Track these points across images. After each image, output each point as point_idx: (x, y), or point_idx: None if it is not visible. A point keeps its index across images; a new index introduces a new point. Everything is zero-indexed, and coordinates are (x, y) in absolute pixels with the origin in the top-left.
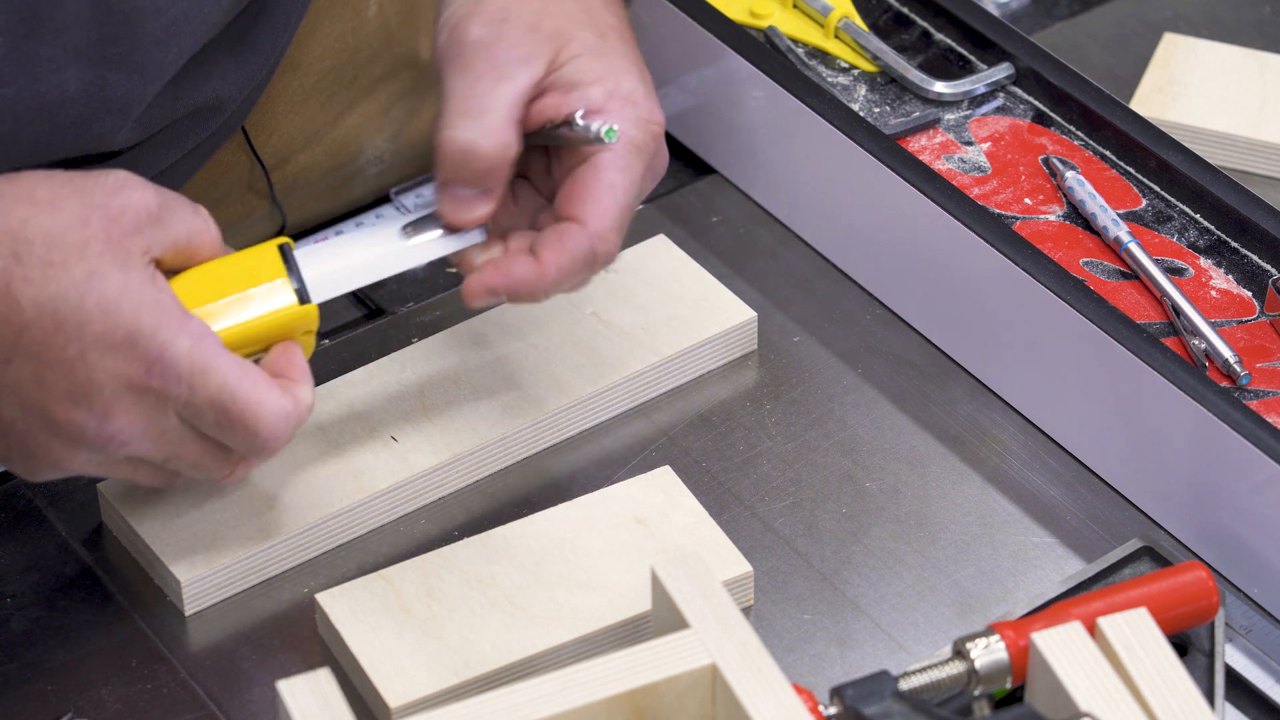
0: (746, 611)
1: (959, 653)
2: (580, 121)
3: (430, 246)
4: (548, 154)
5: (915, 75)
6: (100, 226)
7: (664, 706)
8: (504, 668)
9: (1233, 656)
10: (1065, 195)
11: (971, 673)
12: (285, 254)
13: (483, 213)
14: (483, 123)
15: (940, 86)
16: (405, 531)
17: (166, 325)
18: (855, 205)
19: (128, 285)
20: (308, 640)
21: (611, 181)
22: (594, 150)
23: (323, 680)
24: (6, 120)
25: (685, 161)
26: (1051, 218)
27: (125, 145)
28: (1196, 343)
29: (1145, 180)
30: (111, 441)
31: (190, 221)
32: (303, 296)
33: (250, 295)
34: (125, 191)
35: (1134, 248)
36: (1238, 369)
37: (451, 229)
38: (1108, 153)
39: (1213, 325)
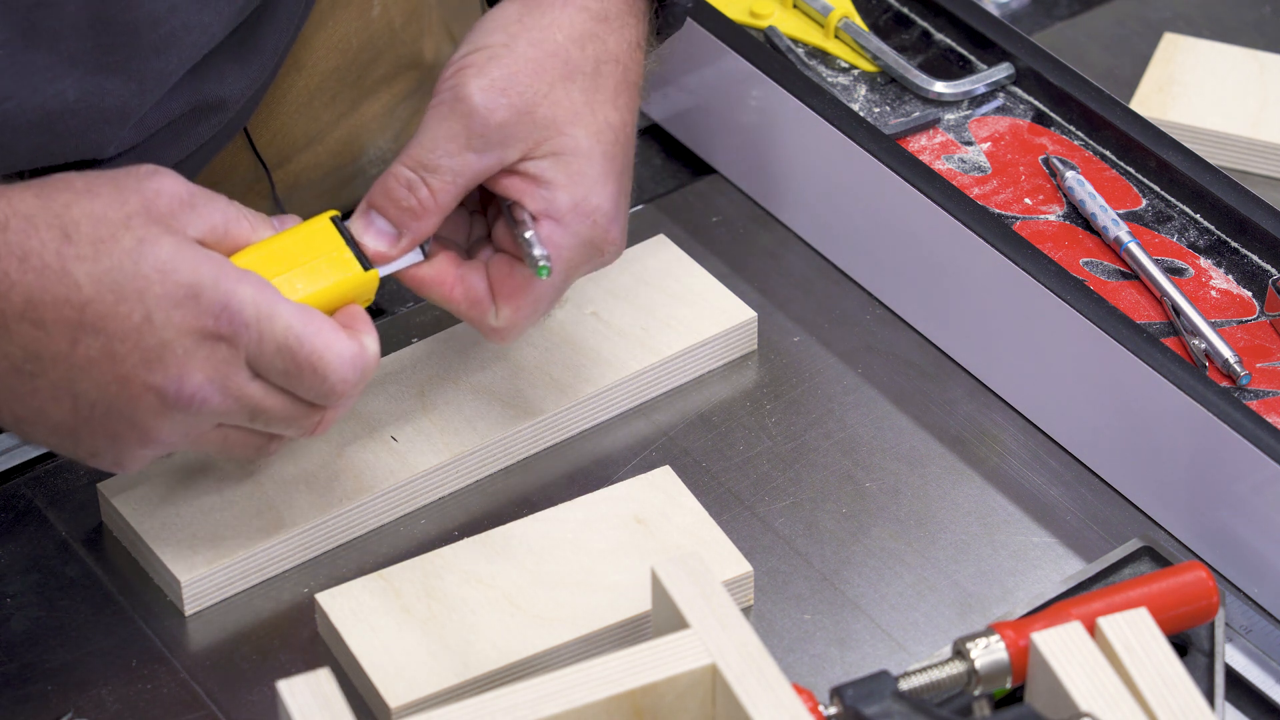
0: (746, 611)
1: (959, 653)
2: (526, 236)
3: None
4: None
5: (915, 75)
6: (139, 205)
7: (664, 706)
8: (504, 668)
9: (1233, 656)
10: (1065, 195)
11: (971, 673)
12: (338, 225)
13: (388, 250)
14: (432, 178)
15: (940, 86)
16: (405, 531)
17: (226, 275)
18: (855, 205)
19: (179, 246)
20: (308, 640)
21: (540, 295)
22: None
23: (323, 680)
24: (6, 130)
25: (685, 161)
26: (1051, 218)
27: (122, 149)
28: (1196, 343)
29: (1145, 180)
30: (192, 401)
31: (225, 210)
32: (365, 263)
33: (313, 266)
34: (157, 178)
35: (1134, 248)
36: (1238, 369)
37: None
38: (1108, 153)
39: (1213, 325)
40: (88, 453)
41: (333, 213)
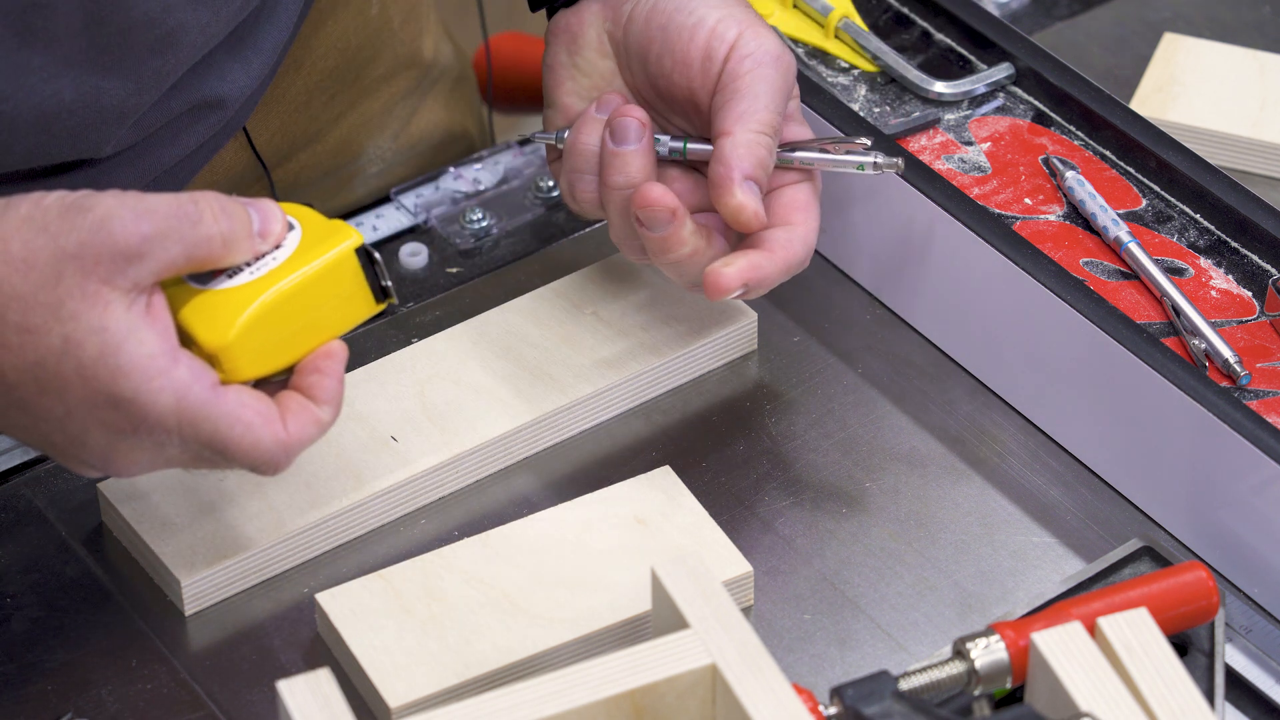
0: (746, 611)
1: (959, 653)
2: (859, 142)
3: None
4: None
5: (915, 75)
6: (75, 282)
7: (664, 706)
8: (504, 668)
9: (1233, 656)
10: (1065, 195)
11: (971, 673)
12: (360, 257)
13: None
14: (774, 142)
15: (940, 86)
16: (405, 531)
17: (147, 385)
18: (855, 205)
19: (104, 348)
20: (308, 640)
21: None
22: (806, 177)
23: (323, 680)
24: (2, 131)
25: None
26: (1051, 218)
27: (120, 148)
28: (1196, 343)
29: (1145, 180)
30: (124, 472)
31: (188, 238)
32: (379, 295)
33: (328, 313)
34: (103, 232)
35: (1134, 248)
36: (1238, 369)
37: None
38: (1108, 153)
39: (1213, 325)
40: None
41: (356, 240)
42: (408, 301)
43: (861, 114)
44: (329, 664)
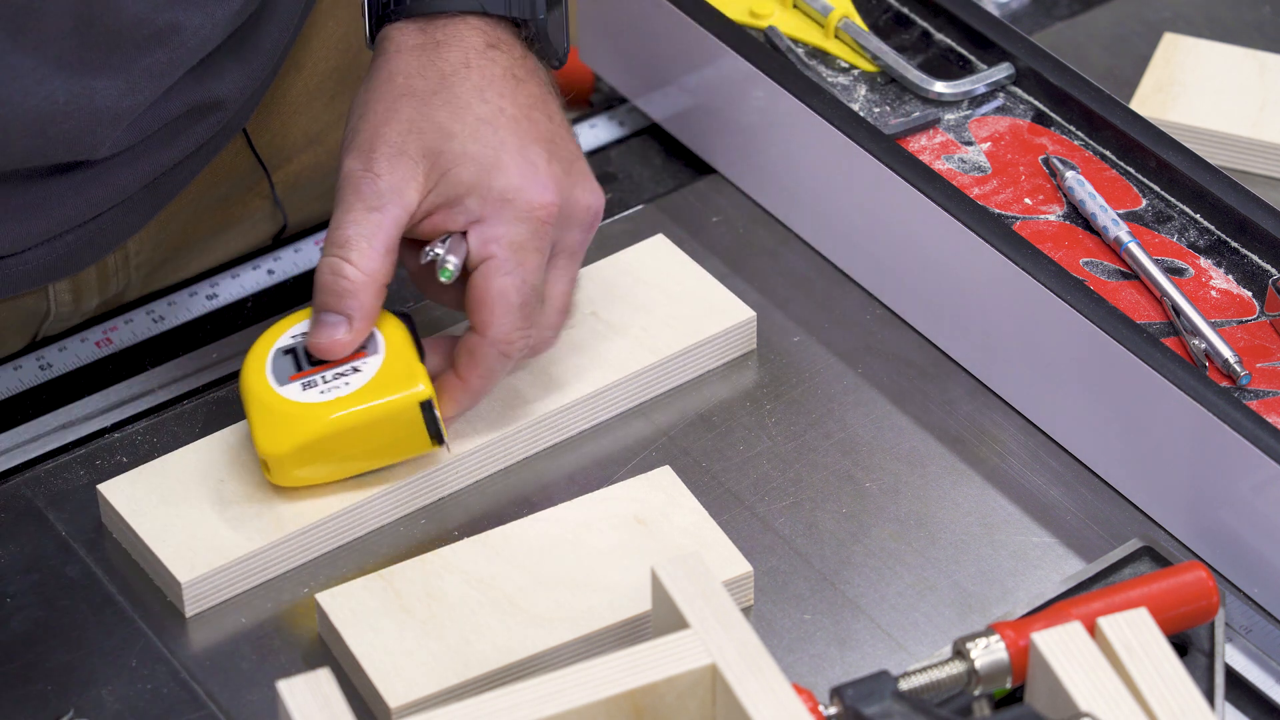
0: (746, 611)
1: (959, 653)
2: (433, 251)
3: None
4: None
5: (915, 75)
6: None
7: (664, 706)
8: (504, 668)
9: (1233, 656)
10: (1065, 195)
11: (971, 673)
12: (425, 409)
13: (341, 337)
14: (348, 251)
15: (940, 86)
16: (405, 531)
17: None
18: (855, 205)
19: None
20: (308, 640)
21: (501, 288)
22: (477, 261)
23: (323, 680)
24: None
25: (685, 161)
26: (1051, 218)
27: (118, 149)
28: (1196, 343)
29: (1145, 180)
30: None
31: None
32: (436, 438)
33: (388, 445)
34: None
35: (1134, 248)
36: (1238, 369)
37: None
38: (1108, 153)
39: (1213, 325)
40: None
41: (424, 394)
42: (409, 301)
43: (861, 114)
44: (329, 664)
